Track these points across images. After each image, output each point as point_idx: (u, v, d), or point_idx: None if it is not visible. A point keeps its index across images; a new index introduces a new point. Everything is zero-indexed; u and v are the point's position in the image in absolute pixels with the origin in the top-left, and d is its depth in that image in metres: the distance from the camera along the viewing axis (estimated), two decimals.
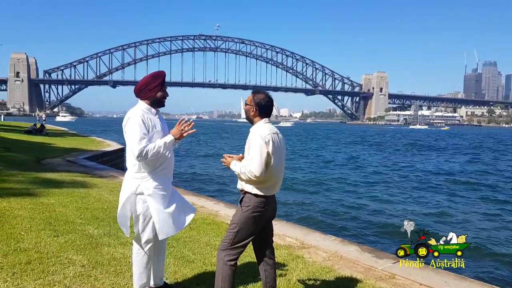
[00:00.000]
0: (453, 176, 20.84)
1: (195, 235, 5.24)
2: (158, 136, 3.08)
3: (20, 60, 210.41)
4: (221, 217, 6.52)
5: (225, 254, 3.00)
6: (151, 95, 3.11)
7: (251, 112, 3.09)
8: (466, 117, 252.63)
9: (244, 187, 3.03)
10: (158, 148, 2.99)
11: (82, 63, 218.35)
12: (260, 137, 2.92)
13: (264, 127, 3.02)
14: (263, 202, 2.99)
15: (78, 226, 5.19)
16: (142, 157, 2.95)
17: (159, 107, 3.20)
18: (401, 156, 33.16)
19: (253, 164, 2.88)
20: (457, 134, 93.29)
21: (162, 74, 3.19)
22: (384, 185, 17.21)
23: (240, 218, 2.99)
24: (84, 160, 13.27)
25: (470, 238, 5.11)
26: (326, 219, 10.66)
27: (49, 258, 3.95)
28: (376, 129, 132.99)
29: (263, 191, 2.98)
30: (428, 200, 13.96)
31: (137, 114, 3.03)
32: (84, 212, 5.97)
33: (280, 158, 3.05)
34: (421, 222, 10.11)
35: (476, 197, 14.77)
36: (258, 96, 3.09)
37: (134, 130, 2.97)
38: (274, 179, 3.02)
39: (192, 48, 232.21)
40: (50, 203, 6.38)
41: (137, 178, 3.08)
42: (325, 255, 4.96)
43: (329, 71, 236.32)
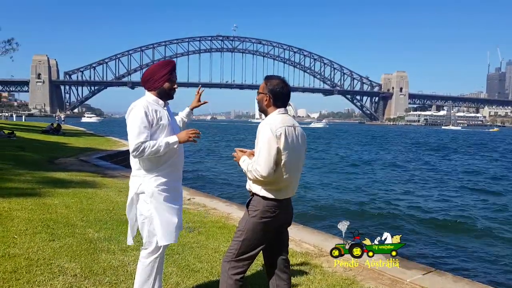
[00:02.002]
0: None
1: (203, 240, 4.81)
2: (164, 130, 2.72)
3: (42, 62, 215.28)
4: (234, 220, 6.10)
5: (230, 266, 2.55)
6: (158, 85, 2.75)
7: (264, 101, 2.63)
8: (489, 117, 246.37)
9: (252, 188, 2.59)
10: (158, 147, 2.62)
11: (102, 64, 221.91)
12: (270, 129, 2.46)
13: (277, 118, 2.56)
14: (273, 206, 2.53)
15: (78, 229, 4.83)
16: (137, 153, 2.59)
17: (167, 99, 2.83)
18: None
19: (259, 162, 2.44)
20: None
21: (170, 63, 2.82)
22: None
23: (247, 225, 2.55)
24: (97, 160, 13.10)
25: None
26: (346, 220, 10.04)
27: (38, 265, 3.57)
28: (407, 129, 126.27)
29: (273, 193, 2.52)
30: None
31: (140, 105, 2.67)
32: (87, 214, 5.61)
33: (296, 156, 2.59)
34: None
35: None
36: (271, 82, 2.63)
37: (133, 122, 2.62)
38: (286, 181, 2.55)
39: (210, 49, 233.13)
40: (53, 204, 6.05)
41: (139, 176, 2.72)
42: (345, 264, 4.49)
43: (348, 70, 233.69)
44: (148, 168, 2.70)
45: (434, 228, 9.69)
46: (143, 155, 2.59)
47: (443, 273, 4.50)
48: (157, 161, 2.69)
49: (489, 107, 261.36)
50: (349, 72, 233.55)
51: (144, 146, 2.57)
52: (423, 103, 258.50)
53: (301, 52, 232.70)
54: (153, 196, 2.65)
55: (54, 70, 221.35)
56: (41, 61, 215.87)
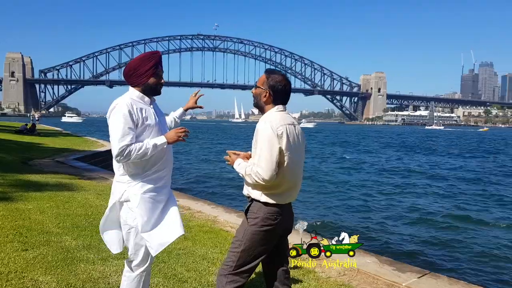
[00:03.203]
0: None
1: (190, 246, 4.54)
2: (151, 131, 2.43)
3: (15, 60, 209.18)
4: (220, 223, 5.85)
5: (227, 280, 2.30)
6: (142, 80, 2.45)
7: (262, 97, 2.39)
8: (463, 117, 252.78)
9: (251, 193, 2.34)
10: (145, 150, 2.33)
11: (79, 62, 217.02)
12: (271, 128, 2.23)
13: (276, 116, 2.33)
14: (275, 212, 2.30)
15: (54, 237, 4.48)
16: (122, 158, 2.30)
17: (154, 95, 2.54)
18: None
19: (260, 164, 2.21)
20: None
21: (155, 54, 2.51)
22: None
23: (246, 234, 2.30)
24: (74, 161, 12.62)
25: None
26: (337, 223, 9.76)
27: (9, 279, 3.23)
28: (391, 130, 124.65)
29: (275, 198, 2.29)
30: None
31: (124, 103, 2.36)
32: (63, 220, 5.25)
33: (298, 157, 2.37)
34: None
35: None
36: (274, 77, 2.39)
37: (116, 123, 2.32)
38: (289, 183, 2.33)
39: (190, 47, 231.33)
40: (26, 209, 5.66)
41: (123, 182, 2.43)
42: (340, 268, 4.32)
43: (328, 71, 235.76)
44: (133, 173, 2.42)
45: (425, 228, 9.60)
46: (129, 159, 2.31)
47: (438, 275, 4.39)
48: (144, 165, 2.42)
49: (463, 108, 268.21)
50: (329, 72, 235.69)
51: (129, 149, 2.29)
52: (400, 104, 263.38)
53: (282, 52, 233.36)
54: (139, 204, 2.38)
55: (28, 68, 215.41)
56: (15, 58, 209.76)
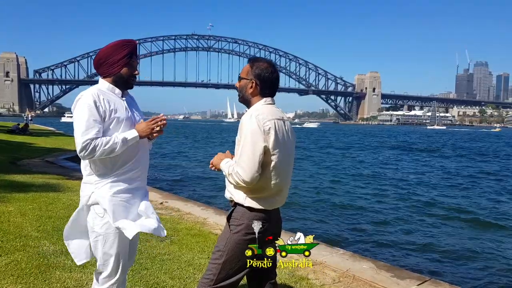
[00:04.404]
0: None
1: (176, 251, 4.29)
2: (121, 125, 2.16)
3: (10, 60, 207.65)
4: (209, 226, 5.61)
5: None
6: (114, 71, 2.18)
7: (248, 88, 2.13)
8: (458, 117, 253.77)
9: (234, 196, 2.08)
10: (113, 144, 2.06)
11: (73, 62, 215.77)
12: (256, 123, 1.97)
13: (264, 109, 2.07)
14: (261, 218, 2.04)
15: (32, 242, 4.22)
16: (86, 153, 2.03)
17: (126, 88, 2.27)
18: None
19: (241, 164, 1.96)
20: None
21: (129, 43, 2.23)
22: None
23: (228, 244, 2.04)
24: (64, 161, 12.35)
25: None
26: (327, 226, 9.19)
27: None
28: (396, 130, 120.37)
29: (261, 203, 2.03)
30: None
31: (89, 93, 2.10)
32: (44, 223, 4.99)
33: (288, 156, 2.12)
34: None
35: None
36: (259, 65, 2.13)
37: (80, 114, 2.05)
38: (277, 186, 2.07)
39: (185, 47, 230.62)
40: (6, 211, 5.39)
41: (90, 183, 2.16)
42: (334, 274, 4.12)
43: (322, 71, 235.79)
44: (101, 172, 2.15)
45: (424, 232, 8.99)
46: (94, 155, 2.05)
47: (439, 282, 4.17)
48: (113, 163, 2.15)
49: (458, 107, 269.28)
50: (323, 72, 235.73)
51: (94, 144, 2.03)
52: (395, 103, 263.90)
53: (276, 52, 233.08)
54: (108, 208, 2.12)
55: (23, 68, 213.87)
56: (9, 58, 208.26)
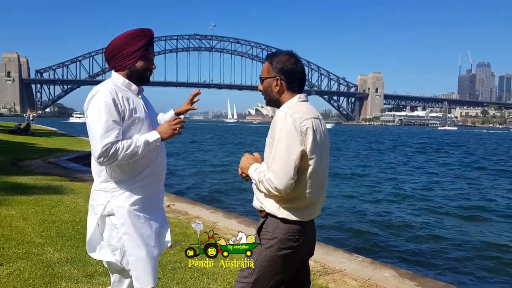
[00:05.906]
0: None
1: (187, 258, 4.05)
2: (140, 125, 1.93)
3: (11, 60, 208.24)
4: (220, 230, 5.37)
5: None
6: (128, 64, 1.95)
7: (274, 87, 1.88)
8: (460, 118, 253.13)
9: (265, 206, 1.83)
10: (135, 148, 1.84)
11: (75, 62, 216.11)
12: (292, 123, 1.72)
13: (299, 107, 1.82)
14: (297, 231, 1.80)
15: (35, 248, 3.99)
16: (106, 159, 1.80)
17: (142, 84, 2.03)
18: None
19: (274, 168, 1.70)
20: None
21: (146, 33, 1.98)
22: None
23: (260, 260, 1.80)
24: (67, 162, 12.16)
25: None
26: (343, 232, 8.46)
27: None
28: (413, 130, 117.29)
29: (296, 213, 1.79)
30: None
31: (107, 90, 1.86)
32: (48, 227, 4.76)
33: (325, 160, 1.88)
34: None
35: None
36: (278, 59, 1.88)
37: (97, 115, 1.81)
38: (313, 195, 1.82)
39: (187, 47, 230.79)
40: (8, 215, 5.16)
41: (106, 190, 1.93)
42: (356, 283, 3.89)
43: (325, 71, 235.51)
44: (119, 179, 1.92)
45: (450, 234, 8.38)
46: (115, 161, 1.82)
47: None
48: (132, 168, 1.93)
49: (461, 108, 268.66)
50: (326, 73, 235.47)
51: (115, 148, 1.80)
52: (397, 104, 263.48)
53: None
54: (126, 219, 1.90)
55: (24, 68, 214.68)
56: (11, 58, 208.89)
